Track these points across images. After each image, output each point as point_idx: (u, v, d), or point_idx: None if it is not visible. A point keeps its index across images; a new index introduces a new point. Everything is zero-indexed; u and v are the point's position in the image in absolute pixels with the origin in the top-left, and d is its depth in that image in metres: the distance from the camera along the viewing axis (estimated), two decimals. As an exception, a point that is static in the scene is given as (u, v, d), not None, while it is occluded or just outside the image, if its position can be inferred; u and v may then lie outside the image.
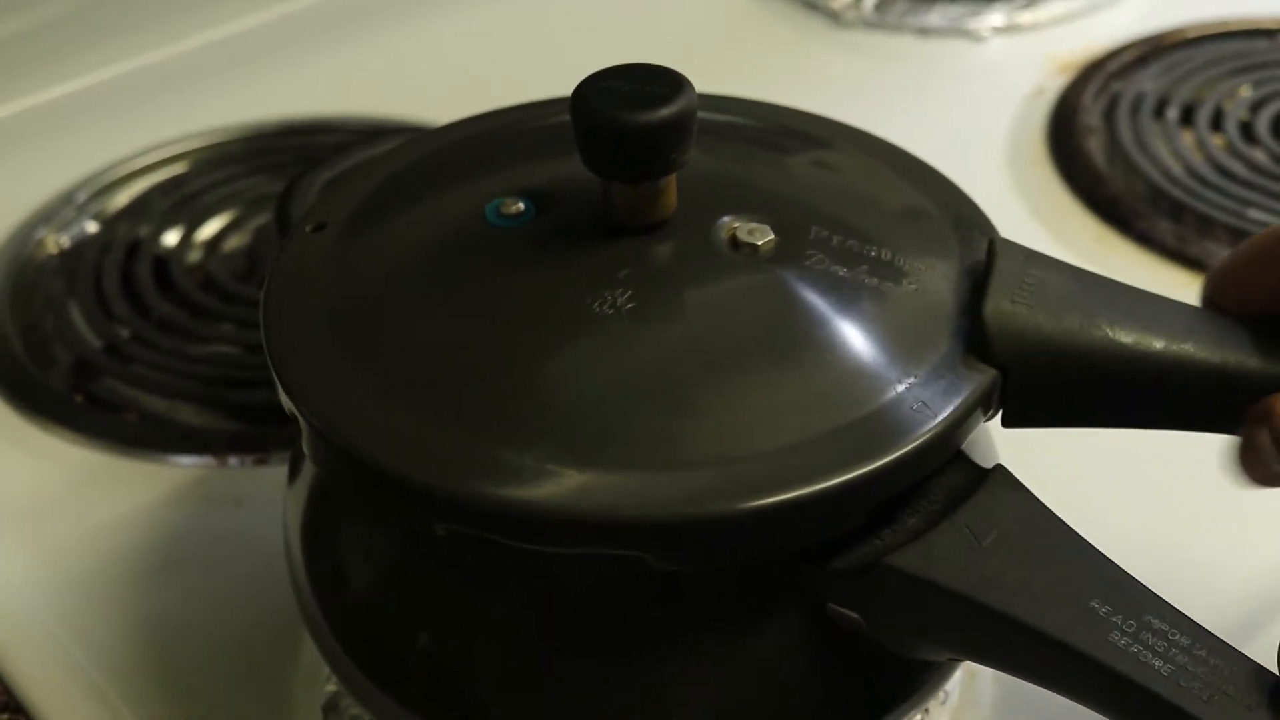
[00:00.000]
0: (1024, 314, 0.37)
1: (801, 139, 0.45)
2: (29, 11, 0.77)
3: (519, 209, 0.40)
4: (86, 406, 0.59)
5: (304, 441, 0.37)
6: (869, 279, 0.38)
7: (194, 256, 0.67)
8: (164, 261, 0.67)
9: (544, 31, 0.83)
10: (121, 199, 0.71)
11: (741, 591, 0.37)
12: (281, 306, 0.39)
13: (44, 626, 0.50)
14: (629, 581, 0.37)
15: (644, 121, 0.36)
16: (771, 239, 0.39)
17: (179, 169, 0.73)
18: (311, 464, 0.38)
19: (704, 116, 0.38)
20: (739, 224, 0.39)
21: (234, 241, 0.68)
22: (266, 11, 0.84)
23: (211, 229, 0.68)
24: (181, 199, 0.70)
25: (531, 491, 0.34)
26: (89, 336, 0.63)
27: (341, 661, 0.41)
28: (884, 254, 0.39)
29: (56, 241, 0.68)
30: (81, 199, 0.70)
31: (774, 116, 0.46)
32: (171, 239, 0.68)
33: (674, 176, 0.38)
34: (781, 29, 0.83)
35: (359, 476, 0.36)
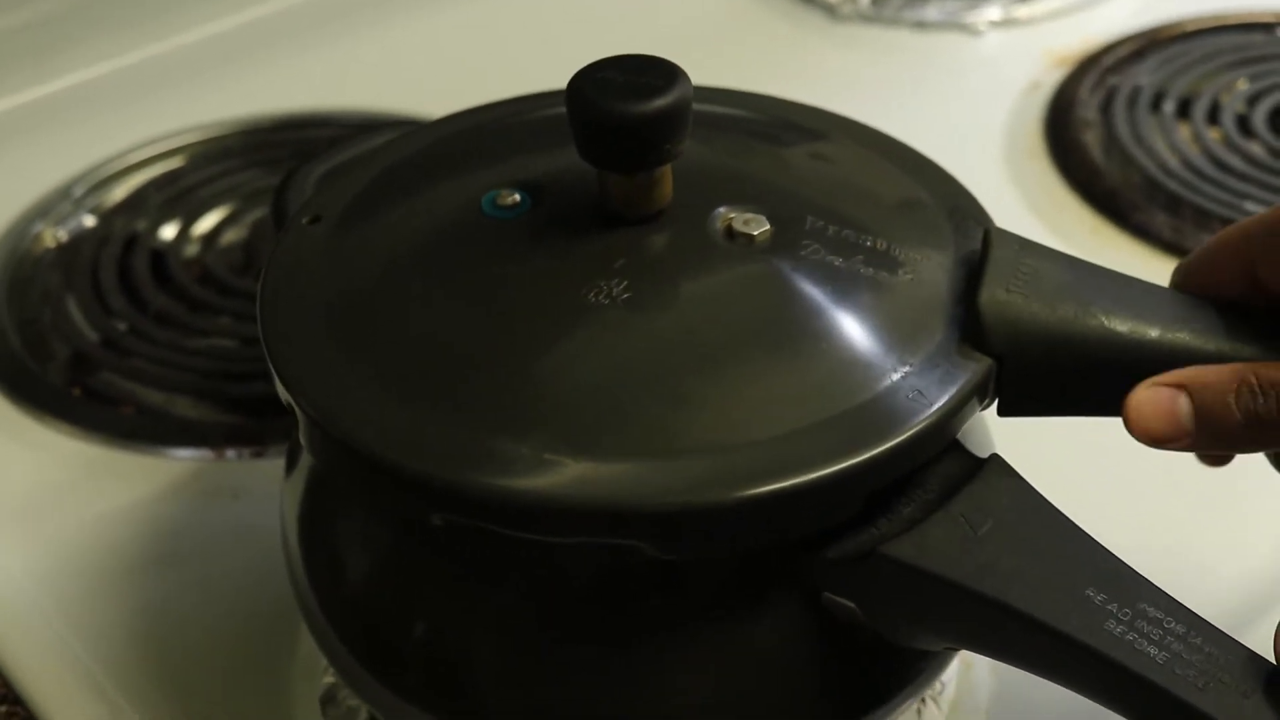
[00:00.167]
0: (1019, 303, 0.37)
1: (797, 130, 0.45)
2: (26, 6, 0.77)
3: (515, 200, 0.40)
4: (84, 400, 0.59)
5: (301, 433, 0.37)
6: (864, 269, 0.38)
7: (191, 250, 0.67)
8: (161, 255, 0.67)
9: (540, 25, 0.83)
10: (118, 193, 0.71)
11: (738, 581, 0.37)
12: (278, 298, 0.39)
13: (42, 618, 0.50)
14: (626, 571, 0.37)
15: (639, 112, 0.36)
16: (767, 229, 0.39)
17: (176, 163, 0.73)
18: (309, 455, 0.38)
19: (699, 108, 0.38)
20: (734, 214, 0.39)
21: (231, 235, 0.68)
22: (262, 6, 0.84)
23: (208, 223, 0.68)
24: (178, 193, 0.70)
25: (528, 481, 0.34)
26: (86, 330, 0.63)
27: (339, 653, 0.41)
28: (879, 244, 0.39)
29: (54, 235, 0.68)
30: (78, 193, 0.70)
31: (769, 108, 0.46)
32: (168, 233, 0.68)
33: (669, 167, 0.38)
34: (778, 23, 0.83)
35: (356, 467, 0.36)
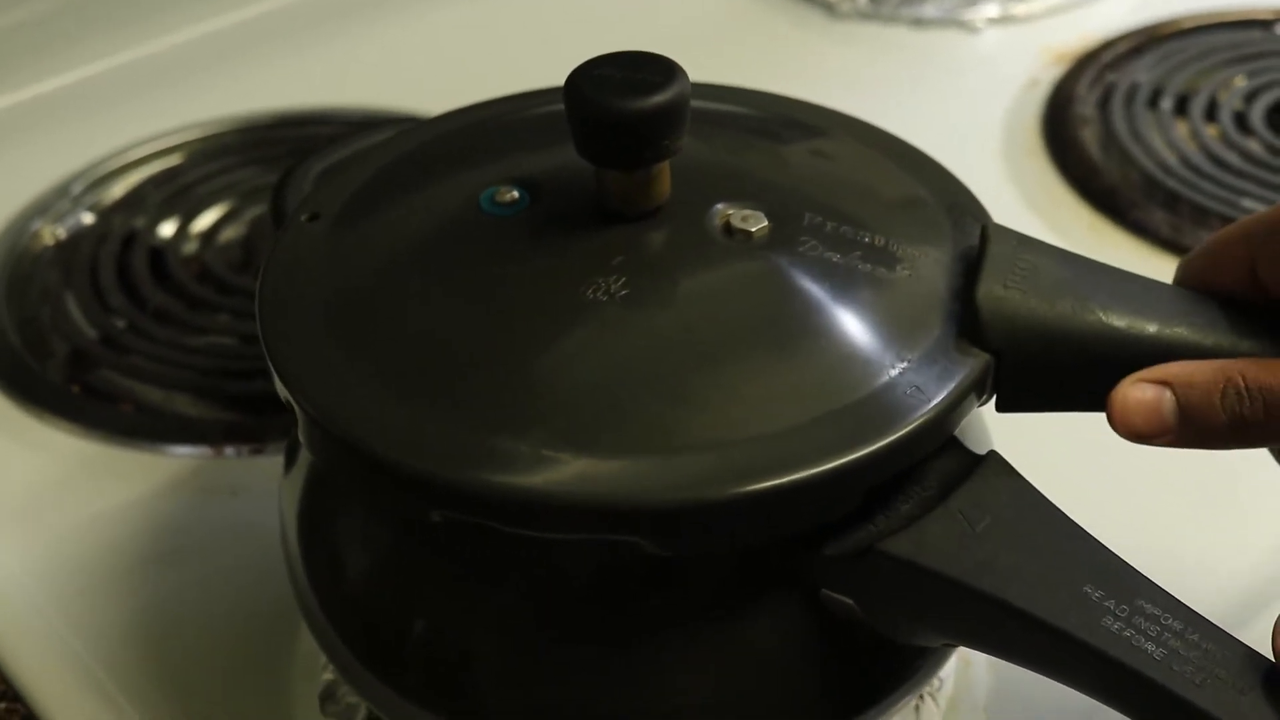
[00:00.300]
0: (1017, 298, 0.37)
1: (795, 126, 0.45)
2: (25, 4, 0.77)
3: (513, 197, 0.40)
4: (83, 397, 0.59)
5: (300, 430, 0.37)
6: (862, 265, 0.38)
7: (190, 248, 0.67)
8: (160, 253, 0.67)
9: (538, 23, 0.83)
10: (117, 190, 0.71)
11: (736, 578, 0.37)
12: (277, 296, 0.39)
13: (41, 616, 0.50)
14: (625, 569, 0.37)
15: (637, 109, 0.36)
16: (765, 225, 0.39)
17: (174, 160, 0.73)
18: (308, 453, 0.38)
19: (697, 105, 0.38)
20: (732, 211, 0.39)
21: (229, 233, 0.68)
22: (260, 4, 0.84)
23: (207, 220, 0.68)
24: (177, 190, 0.70)
25: (527, 478, 0.34)
26: (85, 328, 0.63)
27: (338, 650, 0.41)
28: (877, 240, 0.39)
29: (52, 233, 0.68)
30: (77, 191, 0.70)
31: (766, 104, 0.46)
32: (167, 230, 0.68)
33: (667, 163, 0.38)
34: (777, 21, 0.83)
35: (355, 465, 0.36)
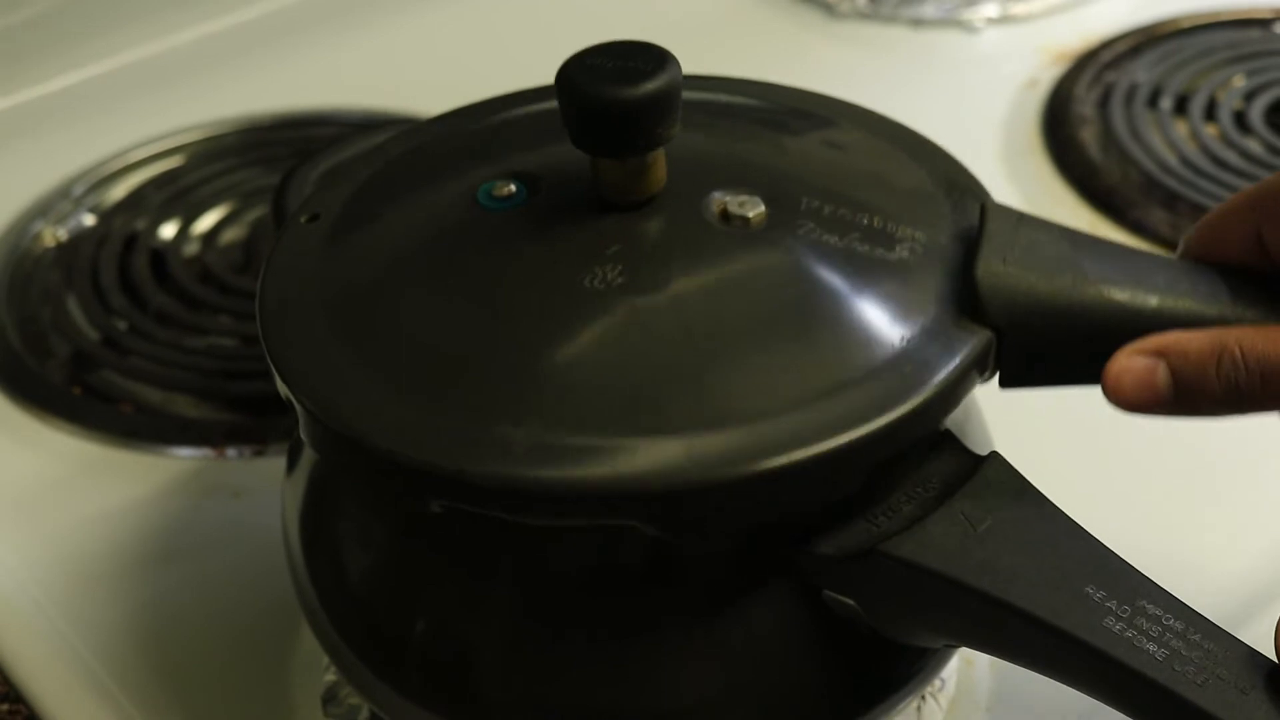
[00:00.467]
0: (1017, 274, 0.37)
1: (790, 113, 0.45)
2: (26, 5, 0.77)
3: (510, 191, 0.40)
4: (84, 398, 0.59)
5: (301, 426, 0.37)
6: (861, 246, 0.38)
7: (191, 249, 0.67)
8: (161, 254, 0.67)
9: (536, 22, 0.83)
10: (118, 192, 0.71)
11: (739, 579, 0.37)
12: (276, 292, 0.39)
13: (43, 616, 0.50)
14: (626, 569, 0.37)
15: (629, 96, 0.36)
16: (762, 211, 0.39)
17: (175, 162, 0.73)
18: (310, 448, 0.38)
19: (691, 96, 0.38)
20: (729, 198, 0.39)
21: (230, 234, 0.68)
22: (261, 5, 0.84)
23: (208, 222, 0.68)
24: (178, 192, 0.70)
25: (527, 464, 0.34)
26: (86, 329, 0.63)
27: (340, 651, 0.41)
28: (876, 221, 0.39)
29: (54, 234, 0.68)
30: (78, 192, 0.70)
31: (759, 92, 0.46)
32: (168, 232, 0.68)
33: (662, 152, 0.38)
34: (776, 20, 0.83)
35: (356, 458, 0.36)
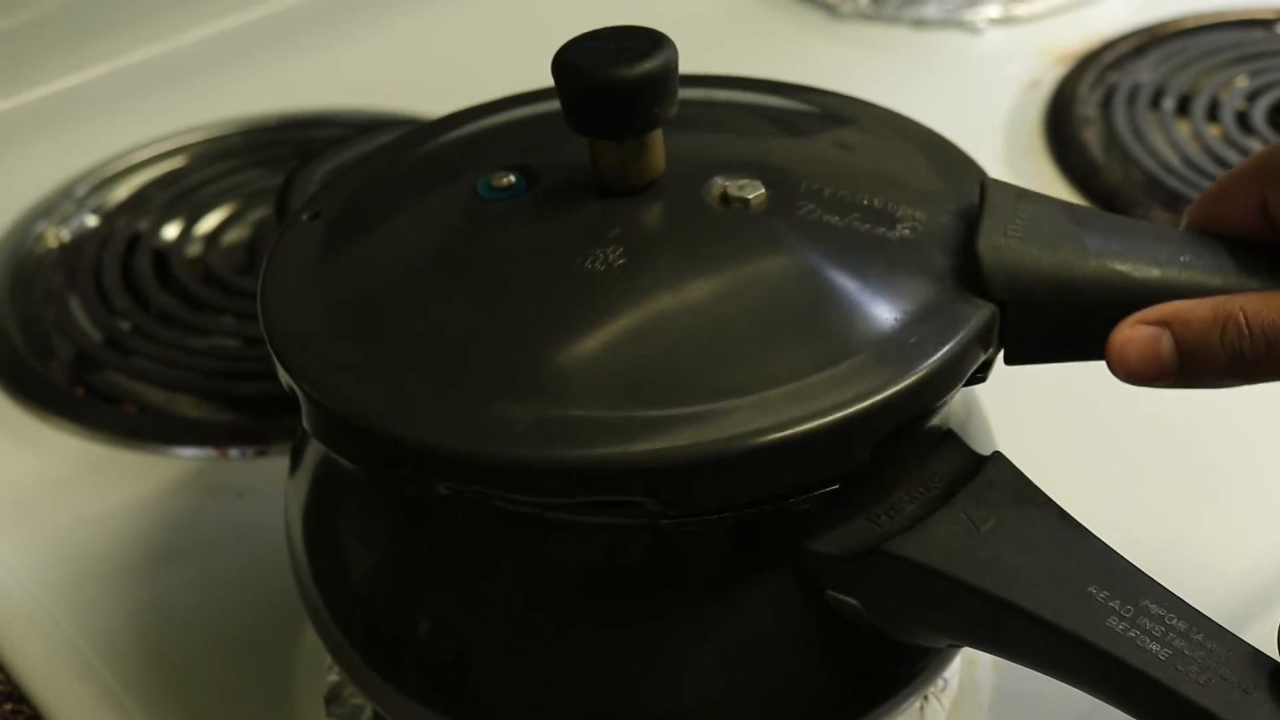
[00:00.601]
0: (1018, 248, 0.37)
1: (790, 105, 0.45)
2: (29, 6, 0.77)
3: (509, 182, 0.40)
4: (87, 399, 0.59)
5: (304, 416, 0.37)
6: (862, 225, 0.38)
7: (193, 250, 0.67)
8: (164, 255, 0.67)
9: (539, 24, 0.83)
10: (121, 193, 0.71)
11: (741, 578, 0.37)
12: (278, 284, 0.39)
13: (46, 616, 0.50)
14: (629, 568, 0.37)
15: (625, 75, 0.36)
16: (762, 193, 0.39)
17: (178, 163, 0.73)
18: (312, 438, 0.38)
19: (690, 94, 0.38)
20: (729, 182, 0.39)
21: (233, 235, 0.68)
22: (264, 6, 0.84)
23: (211, 222, 0.69)
24: (181, 193, 0.70)
25: (530, 442, 0.33)
26: (89, 329, 0.63)
27: (343, 651, 0.41)
28: (876, 201, 0.39)
29: (56, 235, 0.68)
30: (81, 193, 0.71)
31: (756, 86, 0.46)
32: (171, 232, 0.68)
33: (660, 135, 0.38)
34: (778, 21, 0.84)
35: (360, 443, 0.36)
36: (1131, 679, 0.33)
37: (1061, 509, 0.36)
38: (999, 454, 0.38)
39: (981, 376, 0.38)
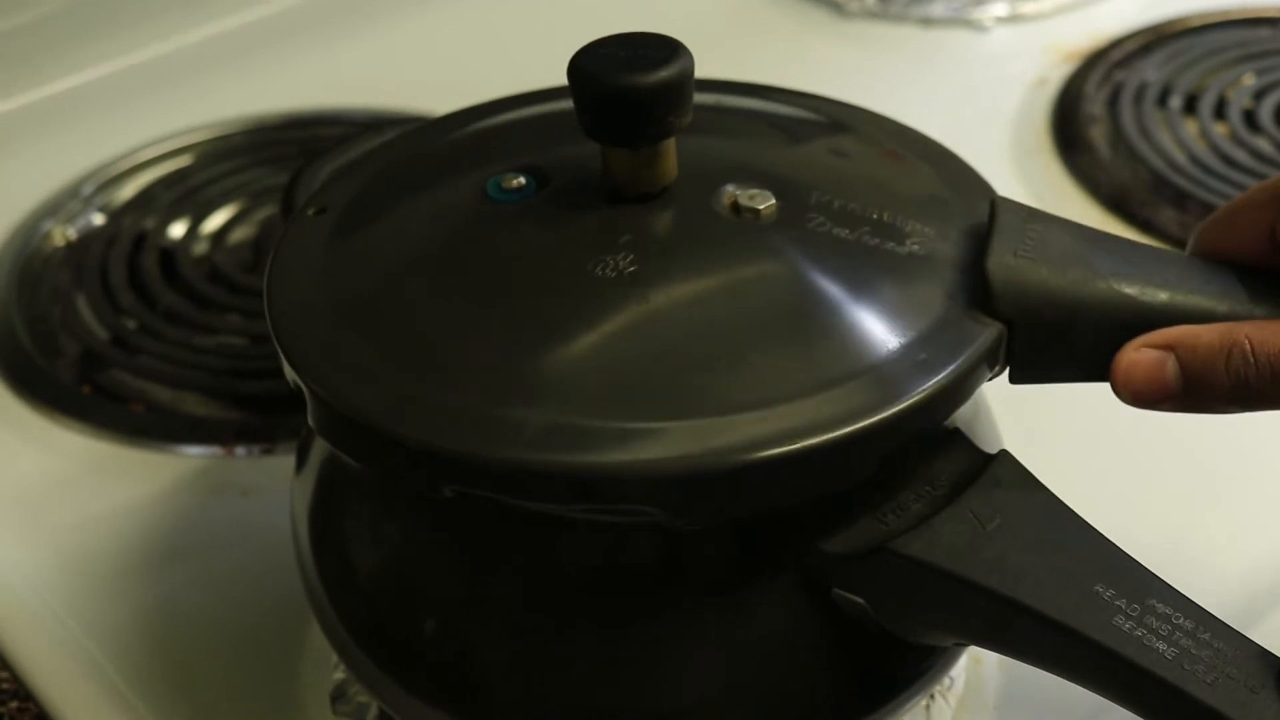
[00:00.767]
0: (1027, 268, 0.37)
1: (801, 115, 0.45)
2: (35, 6, 0.77)
3: (519, 183, 0.40)
4: (93, 397, 0.59)
5: (310, 414, 0.37)
6: (871, 239, 0.38)
7: (200, 248, 0.67)
8: (170, 253, 0.67)
9: (543, 22, 0.83)
10: (127, 191, 0.71)
11: (748, 578, 0.37)
12: (284, 280, 0.39)
13: (52, 614, 0.50)
14: (637, 567, 0.37)
15: (641, 83, 0.36)
16: (773, 204, 0.39)
17: (184, 162, 0.73)
18: (318, 436, 0.38)
19: (704, 99, 0.38)
20: (740, 191, 0.39)
21: (239, 233, 0.68)
22: (268, 6, 0.84)
23: (217, 221, 0.69)
24: (187, 191, 0.70)
25: (539, 446, 0.33)
26: (96, 328, 0.63)
27: (349, 649, 0.41)
28: (885, 216, 0.39)
29: (63, 234, 0.68)
30: (87, 192, 0.71)
31: (769, 95, 0.46)
32: (177, 231, 0.68)
33: (673, 143, 0.38)
34: (785, 20, 0.83)
35: (365, 443, 0.36)
36: (1138, 678, 0.33)
37: (1068, 507, 0.36)
38: (1005, 452, 0.38)
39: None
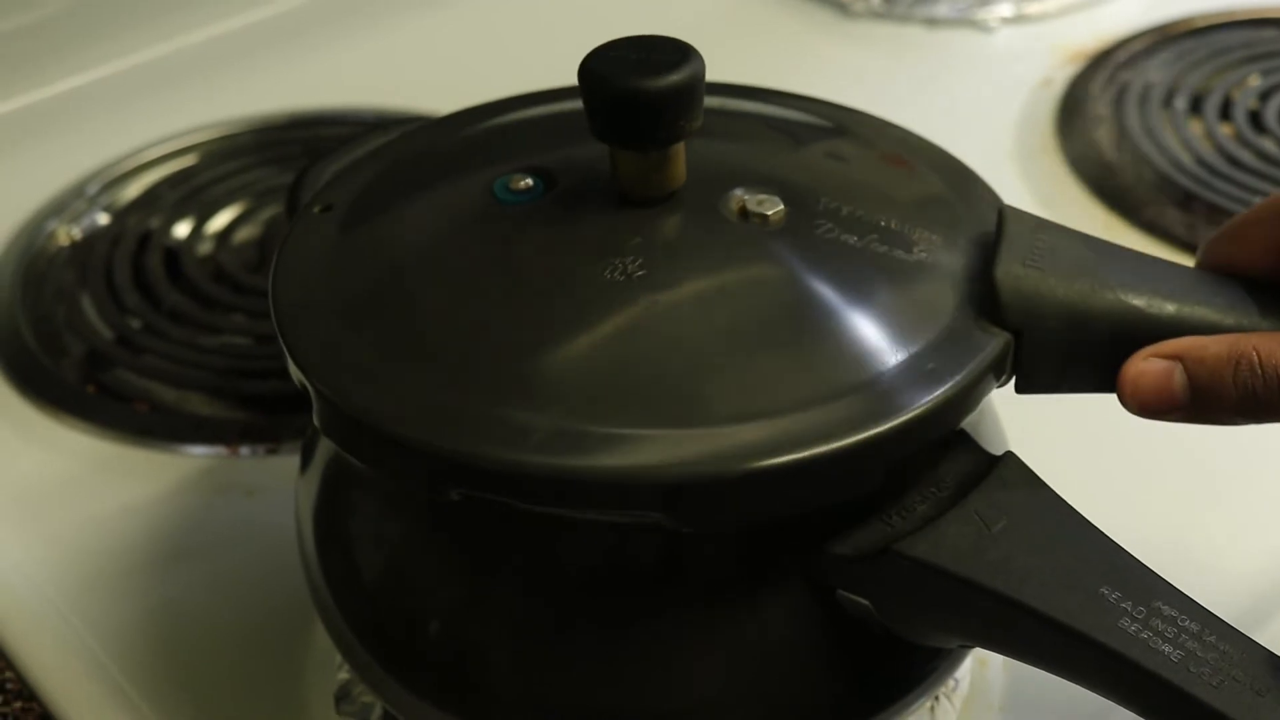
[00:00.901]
0: (1036, 278, 0.37)
1: (809, 120, 0.45)
2: (40, 6, 0.77)
3: (527, 184, 0.40)
4: (98, 397, 0.59)
5: (315, 414, 0.37)
6: (879, 246, 0.38)
7: (204, 248, 0.67)
8: (175, 253, 0.67)
9: (548, 22, 0.83)
10: (132, 191, 0.71)
11: (752, 578, 0.37)
12: (290, 278, 0.39)
13: (56, 614, 0.50)
14: (643, 568, 0.37)
15: (652, 87, 0.36)
16: (781, 209, 0.39)
17: (189, 161, 0.73)
18: (323, 436, 0.38)
19: (712, 103, 0.38)
20: (748, 196, 0.39)
21: (244, 233, 0.68)
22: (272, 6, 0.84)
23: (222, 221, 0.69)
24: (191, 191, 0.71)
25: (546, 450, 0.33)
26: (100, 327, 0.63)
27: (354, 649, 0.41)
28: (894, 224, 0.39)
29: (68, 233, 0.68)
30: (92, 191, 0.71)
31: (778, 100, 0.46)
32: (182, 231, 0.68)
33: (683, 147, 0.38)
34: (790, 20, 0.83)
35: (371, 444, 0.36)
36: (1143, 680, 0.33)
37: (1073, 509, 0.36)
38: (1011, 454, 0.37)
39: None
